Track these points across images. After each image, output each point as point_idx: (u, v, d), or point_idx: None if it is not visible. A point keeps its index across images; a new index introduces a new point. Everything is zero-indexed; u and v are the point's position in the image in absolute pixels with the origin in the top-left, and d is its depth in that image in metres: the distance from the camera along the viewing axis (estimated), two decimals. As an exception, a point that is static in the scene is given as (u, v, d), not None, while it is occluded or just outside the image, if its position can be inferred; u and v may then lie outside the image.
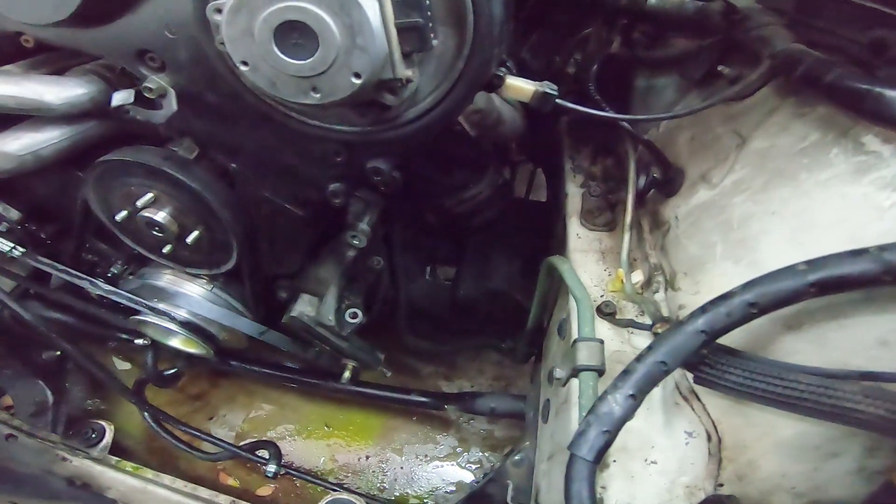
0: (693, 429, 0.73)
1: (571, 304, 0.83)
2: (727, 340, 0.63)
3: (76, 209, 1.01)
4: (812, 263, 0.56)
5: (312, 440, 1.51)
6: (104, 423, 1.37)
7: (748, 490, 0.72)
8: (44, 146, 0.86)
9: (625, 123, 1.03)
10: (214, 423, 1.54)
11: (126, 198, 0.92)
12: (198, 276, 1.09)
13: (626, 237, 0.90)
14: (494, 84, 0.71)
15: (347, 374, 1.24)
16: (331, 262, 1.10)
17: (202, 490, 1.21)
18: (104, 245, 1.16)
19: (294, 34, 0.60)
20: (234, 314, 1.11)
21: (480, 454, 1.49)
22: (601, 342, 0.71)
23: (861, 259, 0.53)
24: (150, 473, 1.23)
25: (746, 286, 0.58)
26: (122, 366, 1.62)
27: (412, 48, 0.63)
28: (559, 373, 0.74)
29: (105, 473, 1.21)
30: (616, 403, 0.59)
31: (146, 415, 1.34)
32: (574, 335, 0.75)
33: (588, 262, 0.96)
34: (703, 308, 0.60)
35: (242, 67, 0.65)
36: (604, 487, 0.68)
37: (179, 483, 1.21)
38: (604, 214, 1.03)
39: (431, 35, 0.63)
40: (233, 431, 1.53)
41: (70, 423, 1.41)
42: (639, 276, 0.89)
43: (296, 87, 0.65)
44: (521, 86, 0.72)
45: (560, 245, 1.07)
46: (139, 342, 1.23)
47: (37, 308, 1.28)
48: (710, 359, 0.64)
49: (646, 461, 0.71)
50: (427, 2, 0.60)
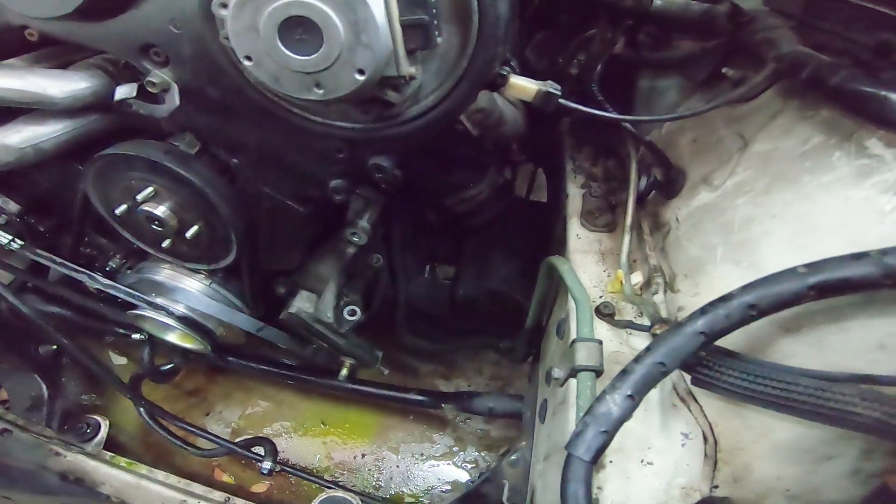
0: (690, 430, 0.73)
1: (570, 305, 0.83)
2: (726, 342, 0.63)
3: (76, 203, 1.00)
4: (812, 266, 0.56)
5: (308, 437, 1.51)
6: (99, 419, 1.37)
7: (743, 492, 0.72)
8: (45, 139, 0.86)
9: (627, 124, 1.03)
10: (210, 419, 1.54)
11: (126, 192, 0.91)
12: (196, 272, 1.09)
13: (626, 238, 0.90)
14: (498, 83, 0.71)
15: (345, 372, 1.24)
16: (330, 259, 1.10)
17: (196, 486, 1.21)
18: (103, 239, 1.15)
19: (298, 30, 0.60)
20: (232, 310, 1.11)
21: (476, 454, 1.49)
22: (600, 343, 0.71)
23: (861, 262, 0.53)
24: (145, 469, 1.23)
25: (746, 288, 0.58)
26: (119, 361, 1.62)
27: (416, 46, 0.63)
28: (557, 373, 0.74)
29: (99, 469, 1.21)
30: (614, 404, 0.59)
31: (142, 410, 1.33)
32: (573, 335, 0.75)
33: (588, 263, 0.95)
34: (703, 310, 0.60)
35: (246, 62, 0.65)
36: (600, 488, 0.68)
37: (173, 479, 1.21)
38: (604, 215, 1.03)
39: (436, 33, 0.63)
40: (229, 428, 1.53)
41: (65, 418, 1.40)
42: (638, 278, 0.89)
43: (299, 83, 0.65)
44: (525, 85, 0.72)
45: (560, 245, 1.07)
46: (136, 337, 1.23)
47: (34, 301, 1.28)
48: (708, 360, 0.64)
49: (642, 462, 0.70)
50: (432, -1, 0.61)
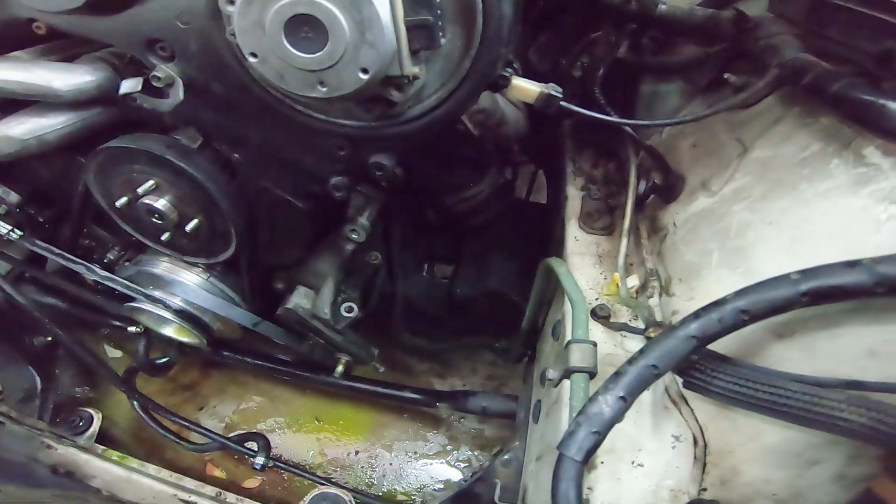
0: (680, 433, 0.74)
1: (566, 306, 0.84)
2: (718, 347, 0.64)
3: (77, 194, 1.01)
4: (805, 273, 0.56)
5: (302, 434, 1.51)
6: (92, 412, 1.37)
7: (730, 495, 0.72)
8: (48, 131, 0.86)
9: (628, 128, 1.04)
10: (204, 414, 1.54)
11: (127, 184, 0.92)
12: (195, 265, 1.09)
13: (624, 242, 0.91)
14: (500, 84, 0.72)
15: (340, 368, 1.25)
16: (329, 256, 1.11)
17: (187, 480, 1.20)
18: (102, 231, 1.15)
19: (304, 28, 0.60)
20: (230, 304, 1.11)
21: (470, 453, 1.49)
22: (594, 344, 0.72)
23: (854, 270, 0.54)
24: (136, 463, 1.22)
25: (739, 293, 0.59)
26: (114, 353, 1.61)
27: (420, 46, 0.64)
28: (552, 373, 0.75)
29: (90, 462, 1.20)
30: (606, 405, 0.60)
31: (135, 403, 1.33)
32: (568, 337, 0.76)
33: (585, 265, 0.96)
34: (696, 314, 0.61)
35: (251, 59, 0.65)
36: (590, 488, 0.69)
37: (165, 473, 1.21)
38: (603, 218, 1.03)
39: (440, 33, 0.64)
40: (222, 423, 1.53)
41: (58, 411, 1.40)
42: (634, 281, 0.89)
43: (303, 81, 0.65)
44: (527, 87, 0.72)
45: (558, 247, 1.08)
46: (132, 330, 1.23)
47: (31, 292, 1.28)
48: (700, 364, 0.65)
49: (633, 463, 0.71)
50: (437, 0, 0.61)
